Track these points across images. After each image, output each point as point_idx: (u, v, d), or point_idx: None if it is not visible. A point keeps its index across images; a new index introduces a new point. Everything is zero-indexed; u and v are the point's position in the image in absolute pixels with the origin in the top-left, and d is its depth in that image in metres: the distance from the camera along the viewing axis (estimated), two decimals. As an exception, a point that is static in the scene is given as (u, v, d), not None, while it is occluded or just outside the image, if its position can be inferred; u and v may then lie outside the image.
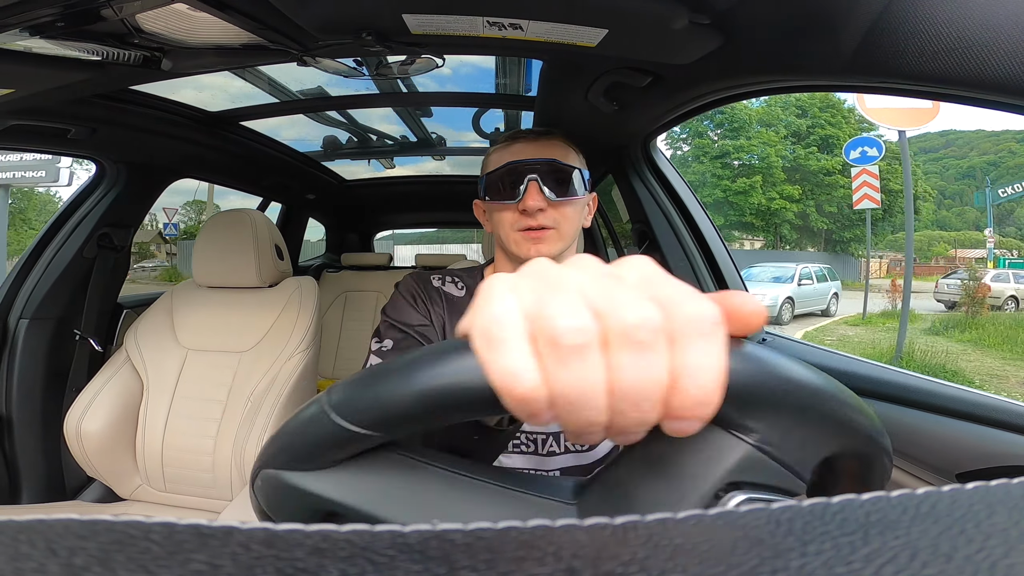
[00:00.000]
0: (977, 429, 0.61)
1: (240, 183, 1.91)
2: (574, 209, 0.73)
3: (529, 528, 0.10)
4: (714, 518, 0.10)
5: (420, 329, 0.71)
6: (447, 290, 0.76)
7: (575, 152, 0.75)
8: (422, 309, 0.73)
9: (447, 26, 0.71)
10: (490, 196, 0.73)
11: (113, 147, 1.27)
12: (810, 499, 0.11)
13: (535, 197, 0.69)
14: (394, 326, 0.72)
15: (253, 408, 1.18)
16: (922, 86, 0.50)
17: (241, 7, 0.69)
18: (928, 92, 0.52)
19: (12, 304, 1.28)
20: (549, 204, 0.70)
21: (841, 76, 0.58)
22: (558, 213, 0.71)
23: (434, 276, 0.78)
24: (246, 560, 0.10)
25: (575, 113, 1.09)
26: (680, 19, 0.65)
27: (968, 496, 0.11)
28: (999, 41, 0.41)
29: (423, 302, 0.74)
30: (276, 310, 1.29)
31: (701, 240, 1.20)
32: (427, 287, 0.76)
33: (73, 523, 0.10)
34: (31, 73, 0.78)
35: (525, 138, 0.74)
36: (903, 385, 0.71)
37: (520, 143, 0.74)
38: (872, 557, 0.10)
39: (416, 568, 0.10)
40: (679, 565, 0.10)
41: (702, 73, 0.79)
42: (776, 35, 0.63)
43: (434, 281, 0.77)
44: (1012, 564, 0.10)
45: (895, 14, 0.48)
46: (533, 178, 0.70)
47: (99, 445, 1.17)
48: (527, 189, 0.70)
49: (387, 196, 2.57)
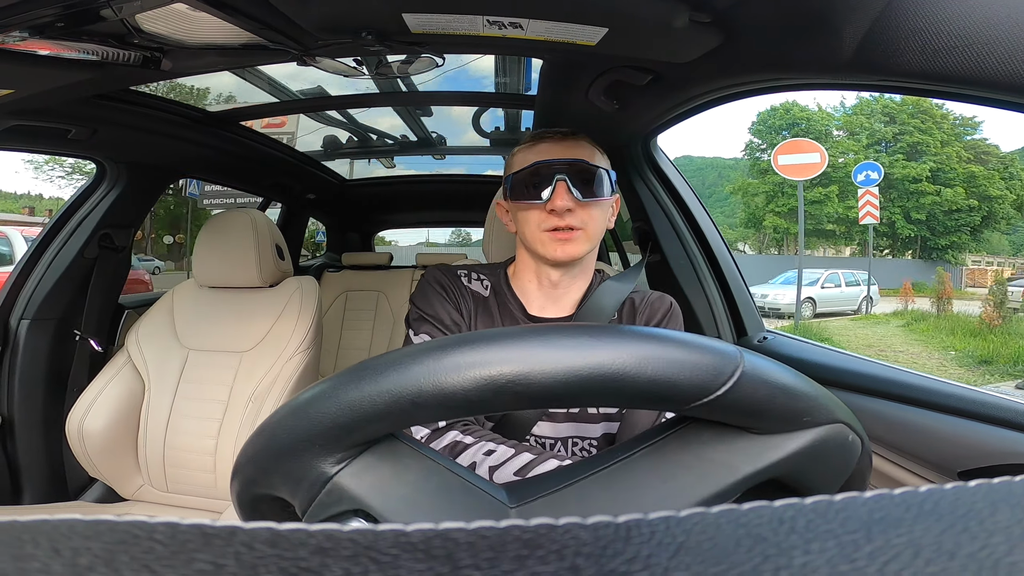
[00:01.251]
0: (980, 427, 0.60)
1: (240, 183, 1.91)
2: (601, 210, 0.72)
3: (532, 526, 0.10)
4: (717, 516, 0.10)
5: (453, 328, 0.72)
6: (473, 288, 0.77)
7: (600, 152, 0.75)
8: (452, 303, 0.74)
9: (447, 25, 0.71)
10: (515, 196, 0.73)
11: (113, 147, 1.27)
12: (813, 497, 0.11)
13: (563, 197, 0.68)
14: (427, 319, 0.72)
15: (255, 408, 1.18)
16: (922, 84, 0.50)
17: (241, 7, 0.69)
18: (928, 90, 0.52)
19: (13, 305, 1.28)
20: (577, 204, 0.69)
21: (841, 74, 0.58)
22: (586, 214, 0.70)
23: (460, 271, 0.78)
24: (249, 560, 0.10)
25: (575, 112, 1.09)
26: (680, 18, 0.65)
27: (971, 494, 0.11)
28: (999, 39, 0.41)
29: (453, 296, 0.75)
30: (277, 310, 1.29)
31: (702, 239, 1.20)
32: (456, 282, 0.76)
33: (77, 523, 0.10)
34: (31, 73, 0.78)
35: (551, 138, 0.73)
36: (906, 383, 0.71)
37: (546, 143, 0.73)
38: (875, 555, 0.10)
39: (419, 567, 0.10)
40: (682, 563, 0.10)
41: (703, 71, 0.79)
42: (776, 33, 0.63)
43: (462, 277, 0.77)
44: (1015, 562, 0.10)
45: (895, 12, 0.48)
46: (561, 178, 0.69)
47: (101, 445, 1.18)
48: (555, 189, 0.69)
49: (387, 196, 2.57)
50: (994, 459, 0.57)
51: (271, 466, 0.27)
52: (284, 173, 1.91)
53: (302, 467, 0.26)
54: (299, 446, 0.26)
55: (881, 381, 0.74)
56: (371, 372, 0.25)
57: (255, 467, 0.28)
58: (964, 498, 0.11)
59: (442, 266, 0.79)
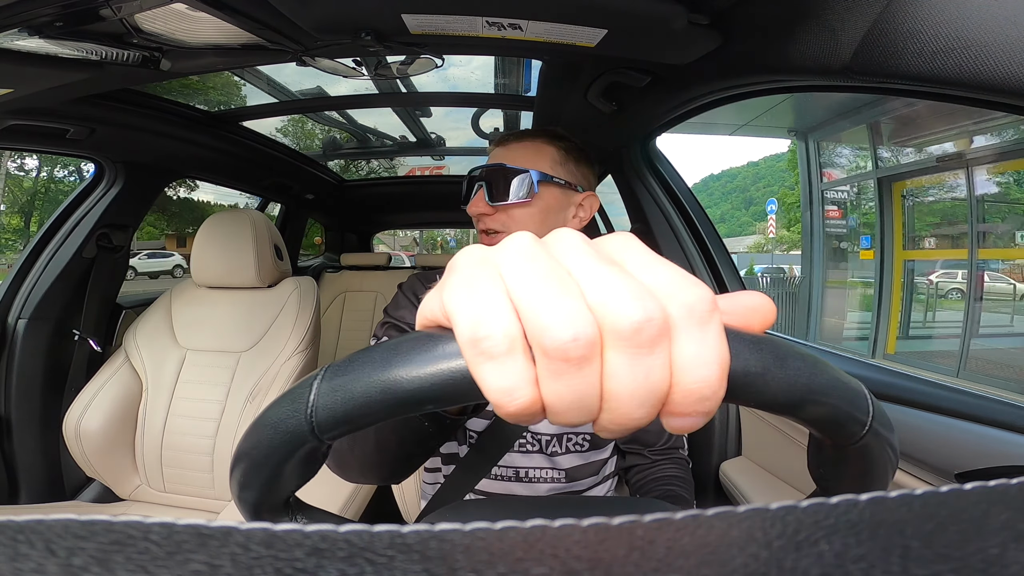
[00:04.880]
0: (976, 429, 0.60)
1: (240, 183, 1.91)
2: (526, 212, 0.71)
3: (528, 528, 0.10)
4: (712, 518, 0.10)
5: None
6: None
7: (553, 152, 0.74)
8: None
9: (446, 26, 0.71)
10: (463, 202, 0.75)
11: (112, 147, 1.27)
12: (808, 499, 0.11)
13: (476, 203, 0.72)
14: (393, 324, 0.72)
15: (252, 408, 1.18)
16: (920, 86, 0.50)
17: (240, 7, 0.69)
18: (926, 92, 0.52)
19: (11, 304, 1.27)
20: (491, 209, 0.71)
21: (839, 76, 0.58)
22: (505, 216, 0.71)
23: (439, 275, 0.78)
24: (245, 560, 0.10)
25: (574, 113, 1.09)
26: (679, 19, 0.65)
27: (967, 496, 0.11)
28: (998, 41, 0.41)
29: None
30: (275, 310, 1.29)
31: (700, 241, 1.20)
32: (431, 285, 0.76)
33: (72, 523, 0.10)
34: (30, 73, 0.77)
35: (501, 143, 0.76)
36: (902, 385, 0.71)
37: (497, 148, 0.75)
38: (869, 557, 0.10)
39: (415, 568, 0.10)
40: (677, 565, 0.10)
41: (701, 73, 0.79)
42: (775, 35, 0.63)
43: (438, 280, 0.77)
44: (1008, 564, 0.10)
45: (894, 14, 0.48)
46: (480, 184, 0.72)
47: (98, 445, 1.17)
48: (475, 195, 0.72)
49: (386, 196, 2.57)
50: (992, 461, 0.57)
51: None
52: (283, 173, 1.91)
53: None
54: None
55: (878, 383, 0.74)
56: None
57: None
58: (960, 500, 0.11)
59: (419, 273, 0.80)
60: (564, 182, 0.73)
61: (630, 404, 0.18)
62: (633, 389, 0.17)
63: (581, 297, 0.18)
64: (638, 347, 0.17)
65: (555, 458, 0.74)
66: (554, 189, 0.72)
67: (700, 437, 1.10)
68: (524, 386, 0.18)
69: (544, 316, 0.17)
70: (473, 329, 0.18)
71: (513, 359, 0.17)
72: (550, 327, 0.17)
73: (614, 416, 0.18)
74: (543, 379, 0.18)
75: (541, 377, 0.18)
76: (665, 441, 0.80)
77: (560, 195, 0.73)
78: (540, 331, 0.17)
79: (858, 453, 0.24)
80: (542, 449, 0.74)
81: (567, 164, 0.74)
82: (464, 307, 0.18)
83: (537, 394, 0.18)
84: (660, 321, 0.17)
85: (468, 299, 0.18)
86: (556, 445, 0.74)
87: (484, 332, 0.17)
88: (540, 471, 0.74)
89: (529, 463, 0.74)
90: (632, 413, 0.18)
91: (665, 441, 0.80)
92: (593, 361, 0.17)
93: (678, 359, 0.18)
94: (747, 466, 1.04)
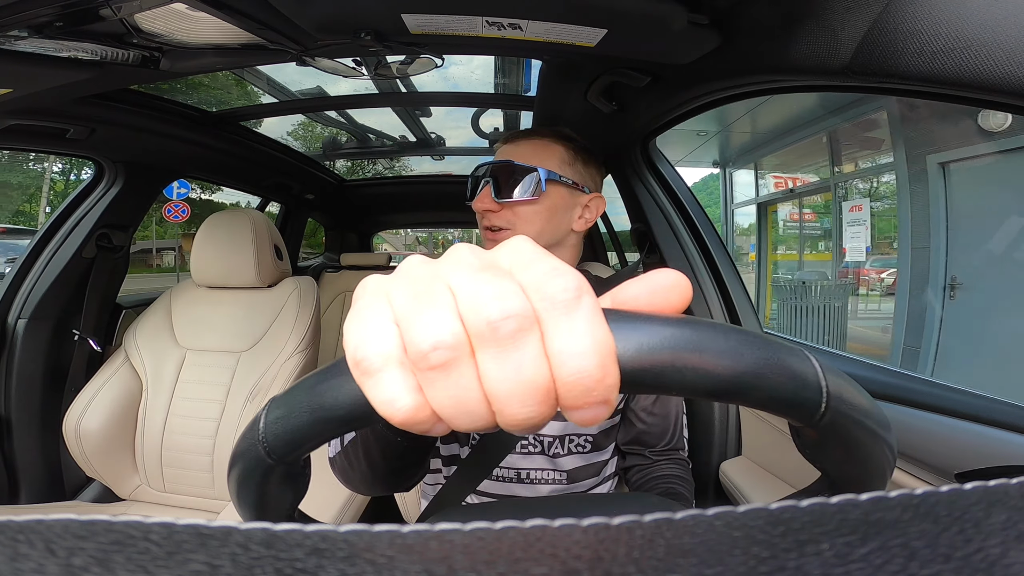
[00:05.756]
0: (976, 429, 0.60)
1: (240, 183, 1.91)
2: (532, 210, 0.71)
3: (528, 528, 0.10)
4: (712, 518, 0.10)
5: None
6: None
7: (561, 151, 0.74)
8: None
9: (446, 26, 0.71)
10: (468, 198, 0.75)
11: (111, 147, 1.27)
12: (808, 499, 0.11)
13: (482, 199, 0.72)
14: None
15: (252, 408, 1.18)
16: (920, 86, 0.50)
17: (240, 7, 0.69)
18: (926, 92, 0.52)
19: (11, 304, 1.27)
20: (498, 205, 0.71)
21: (839, 76, 0.58)
22: (510, 213, 0.71)
23: None
24: (245, 560, 0.10)
25: (574, 113, 1.09)
26: (679, 19, 0.65)
27: (967, 496, 0.11)
28: (998, 41, 0.41)
29: None
30: (275, 310, 1.29)
31: (701, 241, 1.20)
32: None
33: (72, 523, 0.10)
34: (29, 73, 0.77)
35: (509, 140, 0.75)
36: (901, 385, 0.71)
37: (504, 145, 0.75)
38: (870, 557, 0.10)
39: (415, 568, 0.10)
40: (677, 565, 0.10)
41: (701, 73, 0.79)
42: (775, 35, 0.63)
43: None
44: (1010, 564, 0.10)
45: (894, 14, 0.48)
46: (487, 180, 0.72)
47: (98, 445, 1.17)
48: (481, 191, 0.72)
49: (387, 196, 2.57)
50: (992, 461, 0.57)
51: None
52: (283, 173, 1.91)
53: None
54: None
55: (877, 383, 0.74)
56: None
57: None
58: (959, 500, 0.11)
59: None
60: (571, 182, 0.73)
61: (512, 403, 0.18)
62: (509, 388, 0.18)
63: (451, 308, 0.18)
64: (499, 344, 0.17)
65: (557, 459, 0.74)
66: (561, 189, 0.73)
67: (700, 437, 1.10)
68: (404, 395, 0.18)
69: (410, 330, 0.18)
70: (354, 352, 0.19)
71: (389, 372, 0.18)
72: (414, 339, 0.18)
73: (505, 418, 0.18)
74: (425, 388, 0.18)
75: (423, 386, 0.18)
76: (666, 442, 0.80)
77: (567, 195, 0.73)
78: (408, 344, 0.18)
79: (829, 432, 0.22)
80: (544, 450, 0.74)
81: (575, 164, 0.74)
82: (349, 335, 0.20)
83: (421, 400, 0.18)
84: (519, 316, 0.17)
85: (354, 327, 0.20)
86: (558, 446, 0.74)
87: (361, 354, 0.19)
88: (541, 472, 0.74)
89: (530, 464, 0.74)
90: (519, 412, 0.18)
91: (666, 442, 0.80)
92: (459, 365, 0.18)
93: (550, 352, 0.18)
94: (747, 466, 1.04)
